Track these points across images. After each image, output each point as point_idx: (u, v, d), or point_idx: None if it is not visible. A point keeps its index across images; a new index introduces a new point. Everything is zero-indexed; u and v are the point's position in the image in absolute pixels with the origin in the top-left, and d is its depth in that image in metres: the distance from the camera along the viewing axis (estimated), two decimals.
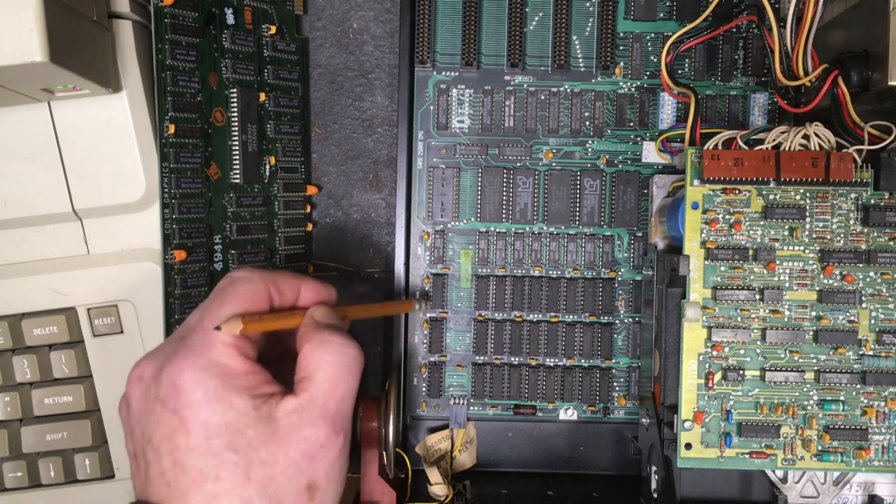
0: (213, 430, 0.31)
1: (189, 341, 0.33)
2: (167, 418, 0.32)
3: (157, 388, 0.32)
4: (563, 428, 0.50)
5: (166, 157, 0.43)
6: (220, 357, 0.32)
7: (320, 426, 0.33)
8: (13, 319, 0.45)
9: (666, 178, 0.46)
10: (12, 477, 0.45)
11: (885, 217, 0.39)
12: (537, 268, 0.49)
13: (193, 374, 0.32)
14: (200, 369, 0.32)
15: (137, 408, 0.33)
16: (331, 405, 0.33)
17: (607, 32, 0.48)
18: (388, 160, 0.52)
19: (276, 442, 0.32)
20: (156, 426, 0.32)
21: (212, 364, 0.32)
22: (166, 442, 0.31)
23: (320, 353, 0.34)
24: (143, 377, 0.33)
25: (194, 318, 0.35)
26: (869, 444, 0.40)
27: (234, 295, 0.34)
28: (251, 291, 0.35)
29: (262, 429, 0.32)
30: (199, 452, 0.31)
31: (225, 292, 0.34)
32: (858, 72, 0.40)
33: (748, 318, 0.40)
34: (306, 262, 0.51)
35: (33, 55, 0.35)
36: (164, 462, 0.31)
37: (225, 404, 0.32)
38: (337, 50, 0.52)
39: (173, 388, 0.32)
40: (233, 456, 0.31)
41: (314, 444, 0.33)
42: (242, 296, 0.34)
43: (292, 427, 0.32)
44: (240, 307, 0.34)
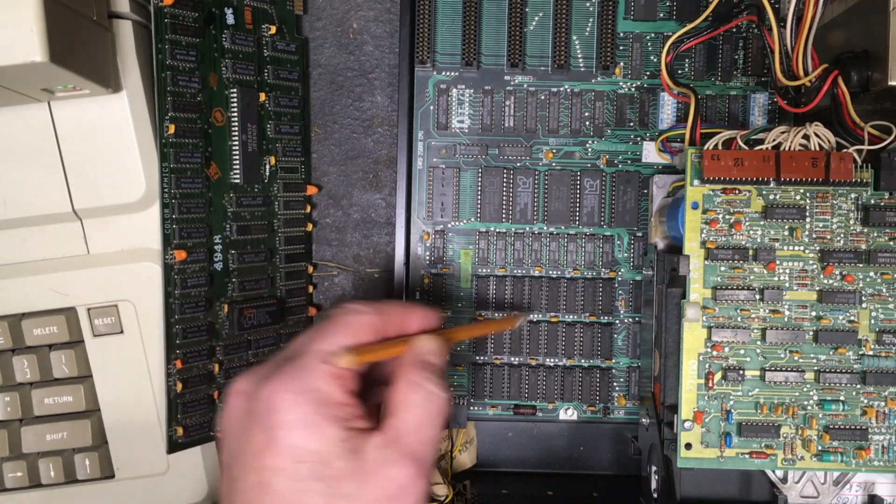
0: (303, 455, 0.31)
1: (294, 363, 0.33)
2: (259, 436, 0.31)
3: (255, 403, 0.32)
4: (563, 428, 0.50)
5: (166, 157, 0.43)
6: (322, 384, 0.32)
7: (406, 466, 0.32)
8: (13, 319, 0.45)
9: (666, 178, 0.46)
10: (12, 477, 0.45)
11: (885, 217, 0.39)
12: (537, 268, 0.49)
13: (292, 396, 0.31)
14: (299, 392, 0.32)
15: (234, 421, 0.33)
16: (417, 447, 0.33)
17: (607, 32, 0.48)
18: (388, 160, 0.52)
19: (362, 477, 0.31)
20: (247, 442, 0.32)
21: (311, 389, 0.32)
22: (255, 459, 0.31)
23: (412, 394, 0.34)
24: (242, 391, 0.33)
25: (302, 342, 0.35)
26: (869, 444, 0.40)
27: (347, 326, 0.34)
28: (363, 324, 0.35)
29: (348, 462, 0.31)
30: (285, 476, 0.31)
31: (339, 322, 0.35)
32: (858, 72, 0.40)
33: (748, 318, 0.40)
34: (306, 263, 0.51)
35: (33, 55, 0.35)
36: (251, 479, 0.31)
37: (317, 431, 0.31)
38: (337, 50, 0.52)
39: (269, 406, 0.31)
40: (317, 485, 0.31)
41: (398, 484, 0.32)
42: (356, 327, 0.34)
43: (378, 463, 0.32)
44: (352, 338, 0.34)
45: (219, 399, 0.46)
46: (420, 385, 0.34)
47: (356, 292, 0.52)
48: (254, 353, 0.48)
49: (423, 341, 0.36)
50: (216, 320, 0.46)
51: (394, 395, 0.34)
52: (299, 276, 0.51)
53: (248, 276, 0.47)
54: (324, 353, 0.33)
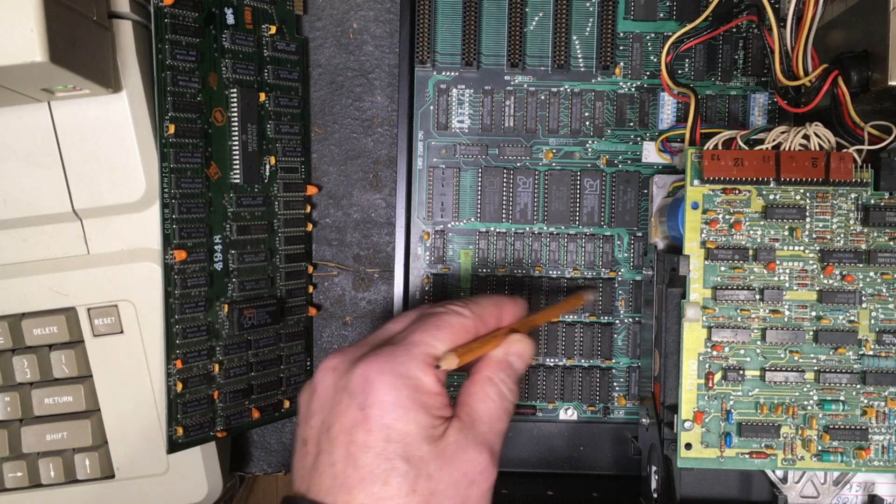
0: (394, 435, 0.32)
1: (394, 348, 0.34)
2: (352, 412, 0.32)
3: (349, 380, 0.33)
4: (563, 428, 0.50)
5: (166, 157, 0.43)
6: (418, 372, 0.33)
7: (483, 452, 0.34)
8: (13, 319, 0.45)
9: (666, 178, 0.46)
10: (12, 477, 0.45)
11: (885, 217, 0.39)
12: (537, 268, 0.49)
13: (390, 379, 0.33)
14: (397, 375, 0.33)
15: (323, 395, 0.34)
16: (491, 437, 0.35)
17: (607, 32, 0.48)
18: (388, 160, 0.52)
19: (444, 460, 0.33)
20: (338, 416, 0.33)
21: (409, 375, 0.33)
22: (345, 434, 0.32)
23: (488, 387, 0.36)
24: (336, 368, 0.34)
25: (395, 328, 0.36)
26: (869, 444, 0.40)
27: (448, 326, 0.35)
28: (462, 326, 0.36)
29: (433, 446, 0.33)
30: (374, 452, 0.32)
31: (440, 319, 0.36)
32: (858, 72, 0.40)
33: (748, 318, 0.40)
34: (306, 263, 0.51)
35: (33, 55, 0.35)
36: (337, 453, 0.32)
37: (410, 415, 0.32)
38: (337, 50, 0.52)
39: (366, 384, 0.32)
40: (404, 465, 0.32)
41: (476, 468, 0.34)
42: (455, 328, 0.35)
43: (458, 447, 0.33)
44: (451, 339, 0.35)
45: (218, 398, 0.46)
46: (496, 383, 0.36)
47: (356, 292, 0.53)
48: (254, 353, 0.48)
49: (515, 343, 0.38)
50: (216, 320, 0.46)
51: (471, 386, 0.36)
52: (299, 276, 0.51)
53: (248, 276, 0.47)
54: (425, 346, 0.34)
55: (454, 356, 0.34)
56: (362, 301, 0.53)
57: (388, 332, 0.36)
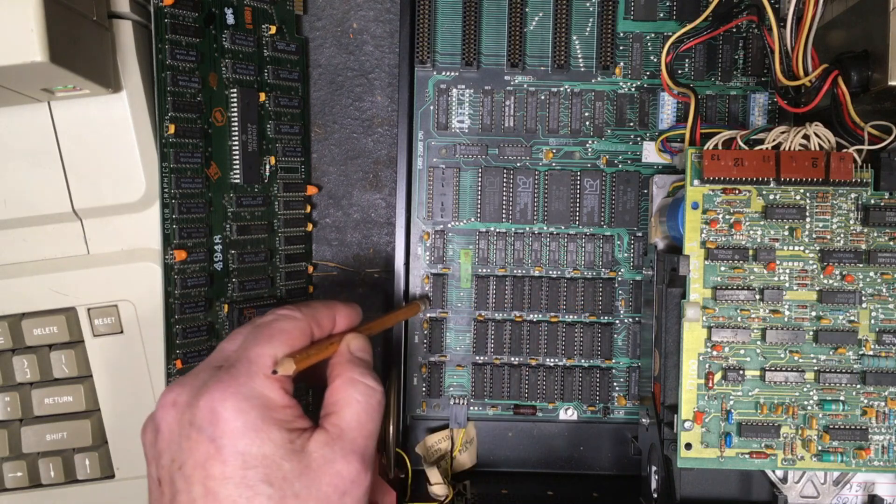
0: (251, 461, 0.31)
1: (232, 370, 0.33)
2: (203, 446, 0.31)
3: (193, 413, 0.32)
4: (563, 428, 0.50)
5: (166, 157, 0.43)
6: (263, 389, 0.33)
7: (352, 461, 0.33)
8: (13, 319, 0.45)
9: (666, 178, 0.46)
10: (12, 477, 0.45)
11: (885, 217, 0.39)
12: (537, 268, 0.49)
13: (235, 403, 0.32)
14: (243, 399, 0.32)
15: (168, 432, 0.33)
16: (360, 441, 0.34)
17: (607, 32, 0.48)
18: (388, 160, 0.52)
19: (310, 476, 0.32)
20: (189, 452, 0.32)
21: (254, 395, 0.32)
22: (199, 469, 0.31)
23: (350, 390, 0.35)
24: (176, 402, 0.33)
25: (231, 347, 0.35)
26: (869, 444, 0.40)
27: (281, 333, 0.35)
28: (296, 329, 0.35)
29: (295, 462, 0.32)
30: (234, 482, 0.31)
31: (271, 328, 0.35)
32: (858, 72, 0.40)
33: (748, 318, 0.40)
34: (306, 263, 0.51)
35: (33, 55, 0.35)
36: (196, 490, 0.31)
37: (263, 436, 0.32)
38: (337, 50, 0.52)
39: (212, 415, 0.31)
40: (267, 489, 0.31)
41: (346, 479, 0.33)
42: (289, 333, 0.35)
43: (325, 461, 0.33)
44: (288, 345, 0.34)
45: None
46: (358, 381, 0.35)
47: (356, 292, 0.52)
48: None
49: (353, 340, 0.37)
50: (216, 320, 0.46)
51: (333, 393, 0.35)
52: (299, 276, 0.51)
53: (248, 276, 0.47)
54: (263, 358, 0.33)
55: (290, 361, 0.33)
56: (362, 301, 0.53)
57: (224, 353, 0.35)
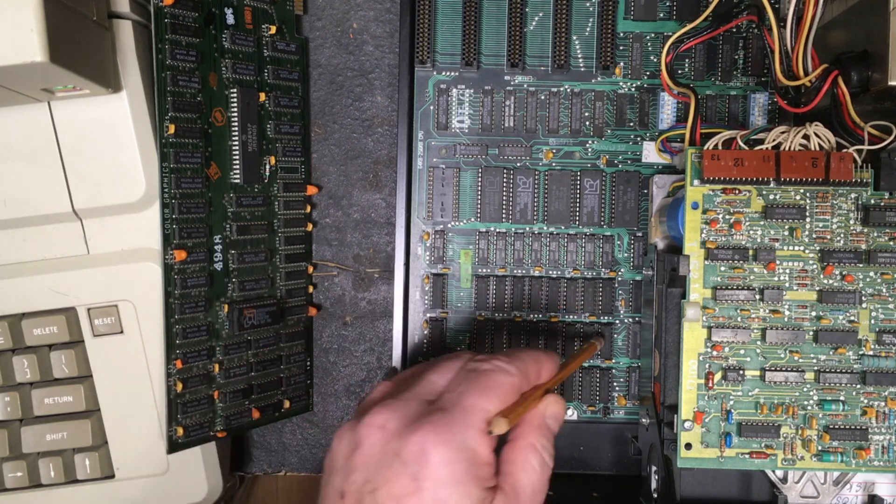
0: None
1: (448, 416, 0.33)
2: (404, 480, 0.32)
3: (402, 445, 0.32)
4: (563, 428, 0.50)
5: (166, 157, 0.43)
6: (474, 443, 0.33)
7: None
8: (13, 319, 0.45)
9: (666, 178, 0.46)
10: (12, 477, 0.45)
11: (885, 217, 0.39)
12: (537, 268, 0.49)
13: (446, 452, 0.32)
14: (455, 449, 0.32)
15: (370, 453, 0.33)
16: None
17: (607, 32, 0.48)
18: (388, 160, 0.52)
19: None
20: (386, 481, 0.32)
21: (466, 447, 0.32)
22: (393, 501, 0.31)
23: (531, 457, 0.35)
24: (385, 427, 0.33)
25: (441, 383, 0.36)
26: (869, 444, 0.40)
27: (497, 387, 0.35)
28: (510, 385, 0.35)
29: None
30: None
31: (489, 379, 0.35)
32: (858, 72, 0.40)
33: (748, 318, 0.40)
34: (306, 263, 0.51)
35: (33, 55, 0.35)
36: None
37: (463, 490, 0.32)
38: (337, 50, 0.52)
39: (421, 455, 0.32)
40: None
41: None
42: (504, 389, 0.35)
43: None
44: (502, 401, 0.34)
45: (218, 399, 0.46)
46: (538, 451, 0.35)
47: (356, 292, 0.53)
48: (254, 353, 0.48)
49: (552, 406, 0.37)
50: (216, 320, 0.46)
51: (513, 453, 0.35)
52: (299, 276, 0.51)
53: (248, 276, 0.47)
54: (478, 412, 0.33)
55: (504, 421, 0.33)
56: (362, 301, 0.53)
57: (434, 387, 0.36)
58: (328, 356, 0.53)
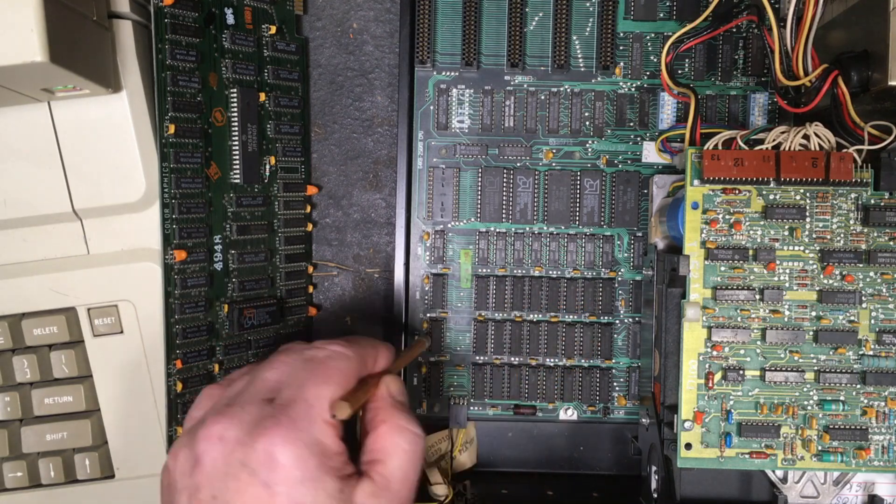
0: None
1: (290, 412, 0.32)
2: (255, 489, 0.31)
3: (247, 454, 0.31)
4: (563, 428, 0.50)
5: (166, 157, 0.43)
6: (322, 436, 0.32)
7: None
8: (13, 319, 0.45)
9: (666, 178, 0.46)
10: (12, 477, 0.45)
11: (885, 217, 0.39)
12: (537, 268, 0.49)
13: (296, 451, 0.31)
14: (304, 446, 0.31)
15: (212, 467, 0.32)
16: (404, 493, 0.34)
17: (607, 32, 0.48)
18: (388, 160, 0.52)
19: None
20: (236, 493, 0.31)
21: (314, 441, 0.32)
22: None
23: (397, 438, 0.34)
24: (224, 437, 0.32)
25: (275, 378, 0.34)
26: (869, 444, 0.40)
27: (336, 372, 0.34)
28: (349, 369, 0.35)
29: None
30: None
31: (326, 367, 0.34)
32: (858, 72, 0.40)
33: (748, 318, 0.40)
34: (306, 263, 0.51)
35: (33, 55, 0.35)
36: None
37: (319, 486, 0.31)
38: (337, 50, 0.52)
39: (269, 460, 0.31)
40: None
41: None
42: (343, 373, 0.34)
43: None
44: (343, 386, 0.34)
45: None
46: (405, 428, 0.35)
47: (356, 292, 0.53)
48: (254, 353, 0.48)
49: (392, 383, 0.37)
50: (216, 320, 0.46)
51: (378, 439, 0.34)
52: (299, 276, 0.51)
53: (248, 276, 0.47)
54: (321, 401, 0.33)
55: (347, 405, 0.33)
56: (362, 301, 0.53)
57: (268, 384, 0.34)
58: None
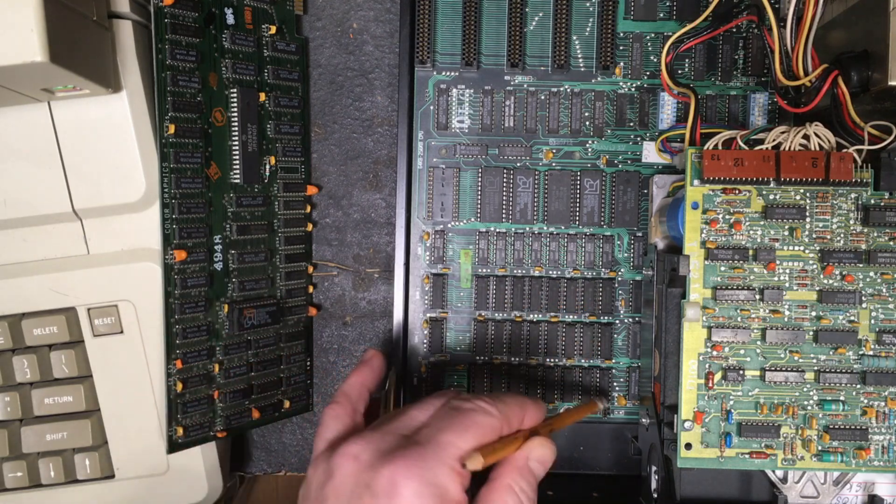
0: None
1: (421, 450, 0.33)
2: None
3: (373, 477, 0.32)
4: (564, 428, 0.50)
5: (166, 157, 0.43)
6: (445, 480, 0.33)
7: None
8: (13, 319, 0.45)
9: (666, 178, 0.46)
10: (12, 477, 0.45)
11: (885, 217, 0.39)
12: (537, 268, 0.49)
13: (417, 486, 0.32)
14: (425, 483, 0.32)
15: (342, 483, 0.33)
16: None
17: (607, 32, 0.48)
18: (388, 160, 0.52)
19: None
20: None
21: (437, 483, 0.32)
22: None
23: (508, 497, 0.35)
24: (358, 458, 0.34)
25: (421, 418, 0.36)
26: (869, 444, 0.40)
27: (476, 427, 0.35)
28: (489, 426, 0.35)
29: None
30: None
31: (468, 418, 0.35)
32: (858, 72, 0.40)
33: (748, 318, 0.40)
34: (306, 263, 0.51)
35: (33, 55, 0.35)
36: None
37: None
38: (337, 50, 0.52)
39: (391, 488, 0.32)
40: None
41: None
42: (483, 429, 0.35)
43: None
44: (479, 440, 0.35)
45: (218, 398, 0.46)
46: (516, 493, 0.35)
47: (356, 292, 0.53)
48: (254, 353, 0.48)
49: (536, 448, 0.37)
50: (216, 320, 0.46)
51: (490, 493, 0.35)
52: (299, 276, 0.51)
53: (248, 276, 0.47)
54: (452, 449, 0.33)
55: (479, 458, 0.33)
56: (362, 301, 0.53)
57: (413, 422, 0.36)
58: (328, 356, 0.53)
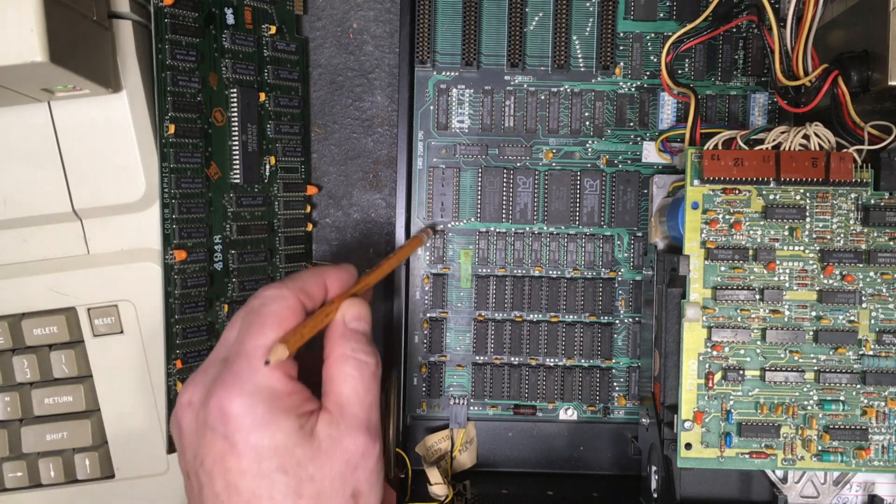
0: (264, 453, 0.32)
1: (233, 367, 0.33)
2: (218, 443, 0.32)
3: (206, 414, 0.33)
4: (563, 428, 0.50)
5: (166, 157, 0.43)
6: (266, 380, 0.33)
7: (357, 436, 0.34)
8: (13, 319, 0.45)
9: (666, 178, 0.46)
10: (12, 477, 0.45)
11: (885, 217, 0.39)
12: (537, 268, 0.49)
13: (241, 401, 0.32)
14: (248, 395, 0.32)
15: (188, 431, 0.34)
16: (362, 415, 0.35)
17: (607, 32, 0.48)
18: (388, 160, 0.52)
19: (321, 457, 0.33)
20: (207, 450, 0.33)
21: (258, 389, 0.33)
22: (218, 465, 0.32)
23: (343, 367, 0.35)
24: (191, 402, 0.34)
25: (230, 336, 0.35)
26: (869, 444, 0.40)
27: (271, 317, 0.34)
28: (285, 309, 0.35)
29: (307, 446, 0.33)
30: (251, 475, 0.32)
31: (261, 314, 0.35)
32: (858, 72, 0.40)
33: (748, 318, 0.40)
34: (306, 263, 0.51)
35: (33, 55, 0.35)
36: (217, 484, 0.32)
37: (273, 427, 0.32)
38: (337, 50, 0.52)
39: (222, 415, 0.32)
40: (283, 476, 0.32)
41: (355, 453, 0.34)
42: (279, 315, 0.35)
43: (332, 441, 0.34)
44: (279, 328, 0.34)
45: None
46: (349, 357, 0.35)
47: None
48: None
49: (348, 309, 0.37)
50: (216, 320, 0.46)
51: (328, 370, 0.35)
52: None
53: (248, 276, 0.47)
54: (259, 351, 0.33)
55: (282, 346, 0.33)
56: None
57: (226, 343, 0.36)
58: None
